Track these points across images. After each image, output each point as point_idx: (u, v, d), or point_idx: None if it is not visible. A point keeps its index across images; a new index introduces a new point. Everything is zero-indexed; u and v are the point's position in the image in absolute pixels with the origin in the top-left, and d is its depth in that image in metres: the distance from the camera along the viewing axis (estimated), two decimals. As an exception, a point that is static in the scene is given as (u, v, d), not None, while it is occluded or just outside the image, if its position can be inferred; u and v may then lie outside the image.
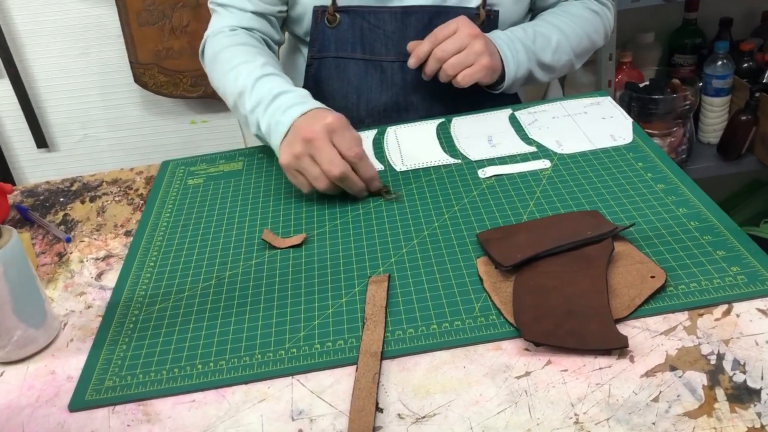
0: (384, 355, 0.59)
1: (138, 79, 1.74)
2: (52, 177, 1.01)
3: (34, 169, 1.89)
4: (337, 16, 0.99)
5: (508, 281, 0.64)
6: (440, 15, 0.97)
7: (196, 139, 1.90)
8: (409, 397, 0.55)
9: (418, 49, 0.93)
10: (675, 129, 1.62)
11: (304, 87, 1.04)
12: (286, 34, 1.11)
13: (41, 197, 0.95)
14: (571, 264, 0.64)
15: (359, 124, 1.03)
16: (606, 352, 0.56)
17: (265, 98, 0.85)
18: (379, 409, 0.54)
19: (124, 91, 1.82)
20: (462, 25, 0.91)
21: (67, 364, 0.64)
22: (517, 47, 0.96)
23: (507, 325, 0.60)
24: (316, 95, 1.03)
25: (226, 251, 0.76)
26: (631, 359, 0.55)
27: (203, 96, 1.78)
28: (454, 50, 0.91)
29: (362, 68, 1.01)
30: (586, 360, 0.56)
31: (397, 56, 1.00)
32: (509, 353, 0.58)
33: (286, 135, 0.81)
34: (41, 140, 1.84)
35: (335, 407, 0.55)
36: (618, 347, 0.56)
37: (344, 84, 1.02)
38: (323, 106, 0.83)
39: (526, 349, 0.58)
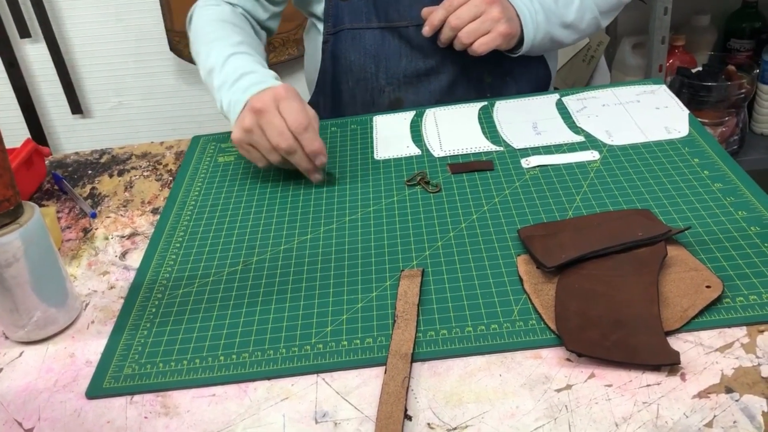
0: (414, 358, 0.56)
1: (173, 47, 1.71)
2: (85, 144, 0.99)
3: (69, 135, 1.88)
4: None
5: (550, 283, 0.60)
6: None
7: (230, 111, 1.87)
8: (440, 405, 0.52)
9: (432, 17, 0.89)
10: (727, 118, 1.54)
11: (322, 65, 1.01)
12: (309, 20, 1.07)
13: (69, 168, 0.93)
14: (619, 268, 0.60)
15: (380, 93, 1.00)
16: (655, 367, 0.52)
17: (230, 77, 0.82)
18: (407, 417, 0.51)
19: (159, 59, 1.79)
20: None
21: (87, 348, 0.62)
22: (536, 8, 0.91)
23: (548, 332, 0.56)
24: (334, 71, 1.00)
25: (254, 235, 0.73)
26: (683, 377, 0.51)
27: (238, 67, 1.75)
28: (469, 18, 0.87)
29: (378, 36, 0.97)
30: (632, 375, 0.52)
31: (412, 20, 0.95)
32: (549, 363, 0.54)
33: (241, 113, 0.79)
34: (76, 106, 1.83)
35: (361, 411, 0.52)
36: (669, 363, 0.52)
37: (361, 55, 0.99)
38: (283, 84, 0.80)
39: (568, 360, 0.54)
